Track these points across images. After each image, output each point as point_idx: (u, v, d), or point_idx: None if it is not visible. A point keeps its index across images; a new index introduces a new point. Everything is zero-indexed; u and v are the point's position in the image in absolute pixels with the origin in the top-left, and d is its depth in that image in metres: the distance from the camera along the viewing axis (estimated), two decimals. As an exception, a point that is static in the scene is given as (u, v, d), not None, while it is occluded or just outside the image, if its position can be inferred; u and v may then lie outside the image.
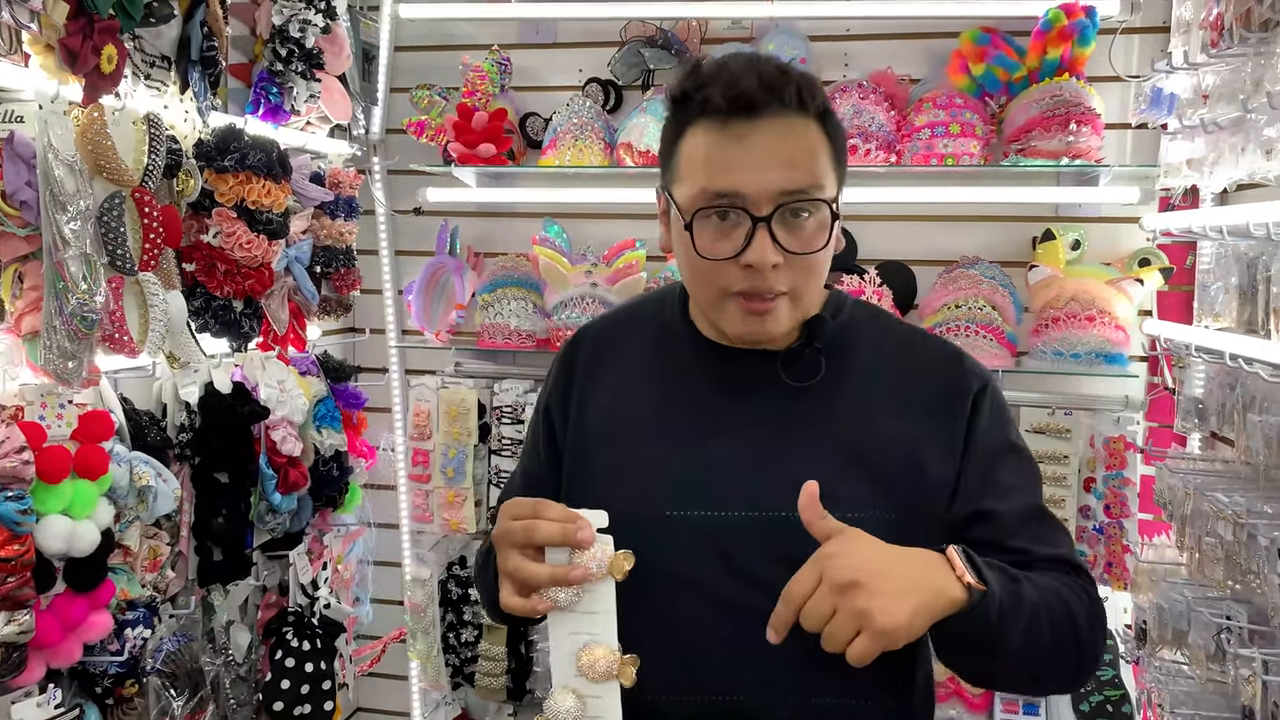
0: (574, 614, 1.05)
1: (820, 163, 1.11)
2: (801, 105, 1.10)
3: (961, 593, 0.99)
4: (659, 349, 1.26)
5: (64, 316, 1.57)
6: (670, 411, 1.21)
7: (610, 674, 1.04)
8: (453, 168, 2.59)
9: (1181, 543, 1.93)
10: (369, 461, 2.73)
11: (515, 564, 1.03)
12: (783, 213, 1.08)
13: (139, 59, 1.80)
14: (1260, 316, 1.73)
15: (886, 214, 2.55)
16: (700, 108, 1.11)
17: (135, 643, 1.78)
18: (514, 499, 1.09)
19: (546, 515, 1.03)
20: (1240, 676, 1.60)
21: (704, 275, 1.14)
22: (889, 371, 1.20)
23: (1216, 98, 1.88)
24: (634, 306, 1.37)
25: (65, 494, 1.58)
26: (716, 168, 1.09)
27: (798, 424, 1.17)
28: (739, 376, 1.20)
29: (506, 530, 1.05)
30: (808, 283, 1.13)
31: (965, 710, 2.41)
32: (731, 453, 1.16)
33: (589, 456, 1.23)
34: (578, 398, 1.27)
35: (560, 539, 1.02)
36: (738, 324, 1.15)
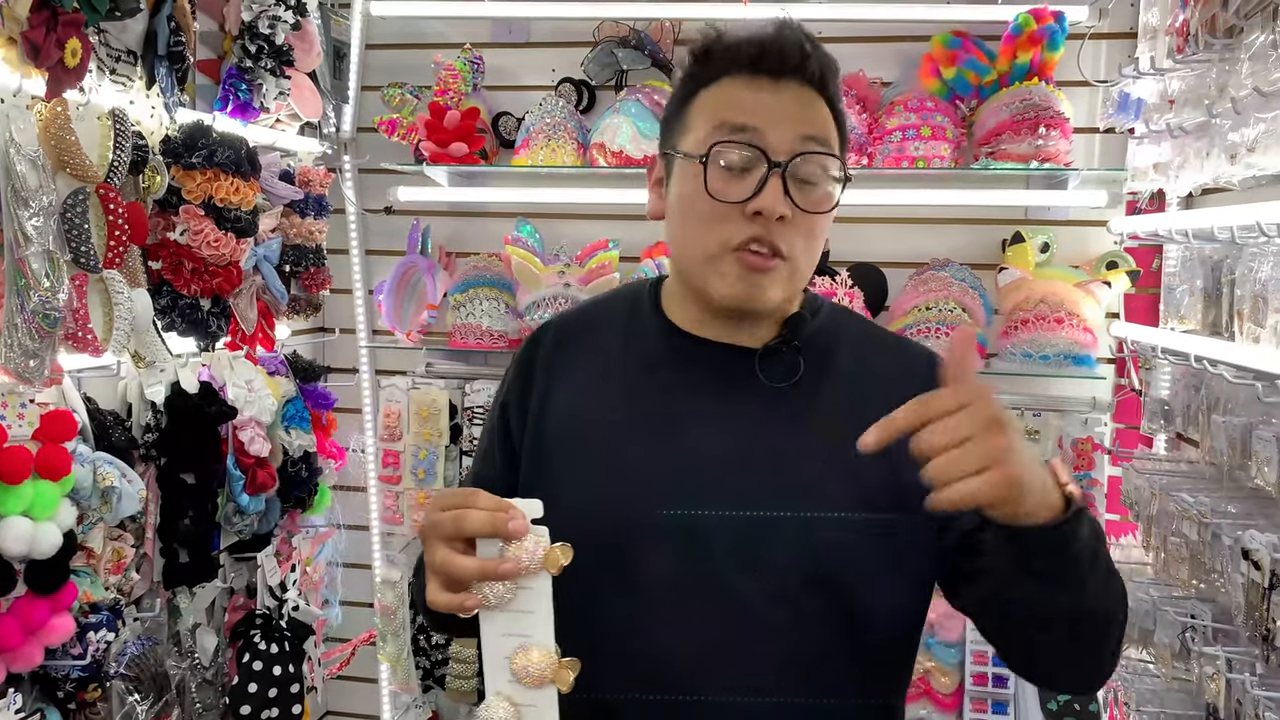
0: (507, 613, 0.97)
1: (834, 136, 1.12)
2: (821, 84, 1.11)
3: (1059, 501, 0.92)
4: (627, 344, 1.21)
5: (26, 314, 1.55)
6: (640, 409, 1.16)
7: (546, 679, 0.97)
8: (424, 167, 2.57)
9: (1148, 543, 1.95)
10: (338, 463, 2.70)
11: (443, 557, 0.96)
12: (797, 166, 1.07)
13: (104, 53, 1.78)
14: (1224, 319, 1.75)
15: (858, 216, 2.56)
16: (722, 65, 1.11)
17: (98, 646, 1.76)
18: (442, 492, 1.03)
19: (476, 505, 0.96)
20: (1204, 675, 1.62)
21: (704, 223, 1.10)
22: (870, 375, 1.17)
23: (1182, 103, 1.91)
24: (599, 301, 1.32)
25: (26, 495, 1.55)
26: (739, 108, 1.09)
27: (775, 426, 1.13)
28: (715, 373, 1.16)
29: (435, 522, 0.98)
30: (807, 250, 1.11)
31: (935, 710, 2.43)
32: (707, 453, 1.12)
33: (551, 457, 1.18)
34: (539, 397, 1.21)
35: (489, 529, 0.95)
36: (732, 284, 1.09)
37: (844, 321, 1.25)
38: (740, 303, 1.11)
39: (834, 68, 1.12)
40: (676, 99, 1.17)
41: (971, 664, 2.41)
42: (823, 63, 1.11)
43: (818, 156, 1.08)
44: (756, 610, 1.06)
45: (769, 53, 1.09)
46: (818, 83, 1.10)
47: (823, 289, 2.41)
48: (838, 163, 1.11)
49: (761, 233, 1.07)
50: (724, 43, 1.12)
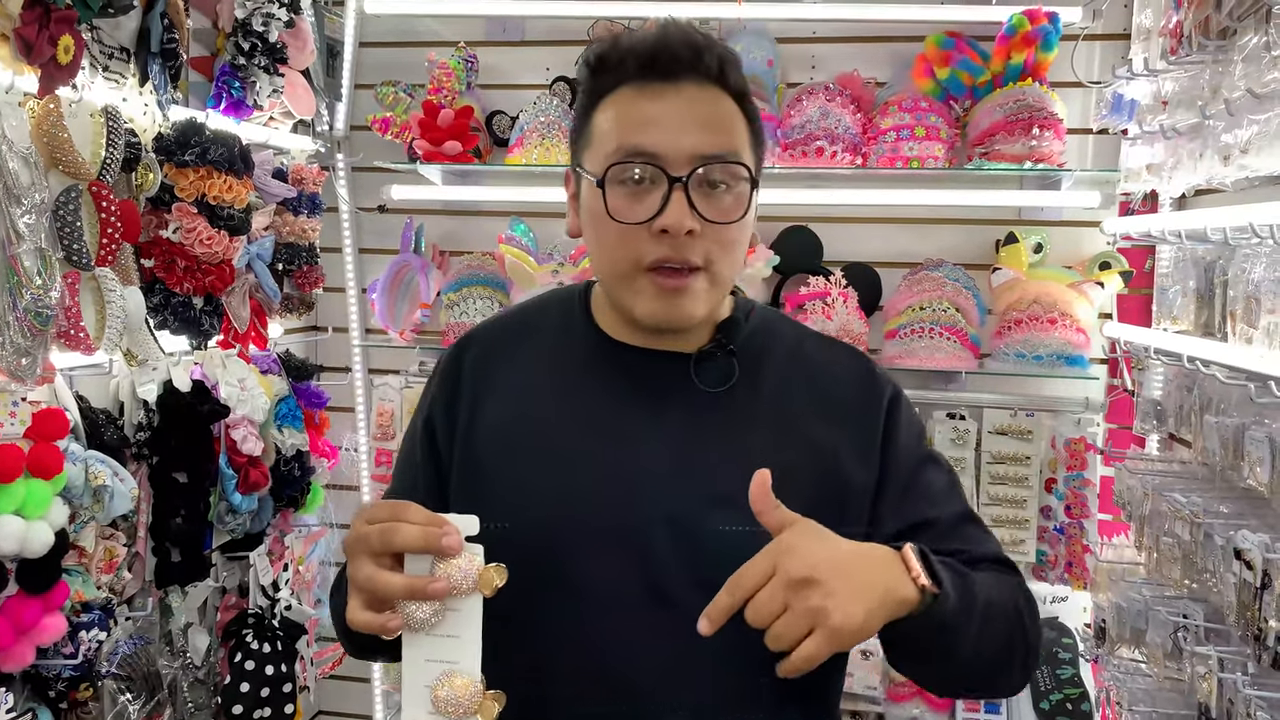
0: (433, 637, 0.91)
1: (737, 134, 1.07)
2: (722, 78, 1.07)
3: (914, 593, 0.95)
4: (558, 351, 1.18)
5: (18, 312, 1.54)
6: (572, 419, 1.12)
7: (470, 710, 0.91)
8: (418, 165, 2.57)
9: (1140, 542, 1.96)
10: (331, 462, 2.70)
11: (368, 573, 0.90)
12: (700, 178, 1.04)
13: (97, 50, 1.77)
14: (1217, 320, 1.76)
15: (852, 216, 2.57)
16: (617, 74, 1.07)
17: (90, 645, 1.75)
18: (372, 504, 0.99)
19: (408, 518, 0.91)
20: (1196, 674, 1.63)
21: (615, 246, 1.07)
22: (804, 378, 1.15)
23: (1175, 104, 1.91)
24: (528, 307, 1.27)
25: (18, 493, 1.54)
26: (633, 125, 1.05)
27: (714, 432, 1.10)
28: (648, 380, 1.13)
29: (361, 535, 0.92)
30: (724, 258, 1.07)
31: (928, 709, 2.43)
32: (645, 460, 1.09)
33: (482, 470, 1.13)
34: (467, 408, 1.16)
35: (420, 544, 0.89)
36: (651, 303, 1.07)
37: (776, 324, 1.23)
38: (660, 322, 1.09)
39: (732, 60, 1.08)
40: (578, 113, 1.13)
41: (964, 663, 2.42)
42: (720, 56, 1.07)
43: (722, 164, 1.05)
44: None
45: (659, 56, 1.05)
46: (716, 78, 1.07)
47: (816, 289, 2.41)
48: (745, 168, 1.06)
49: (670, 251, 1.04)
50: (616, 51, 1.08)
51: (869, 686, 2.45)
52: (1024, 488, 2.42)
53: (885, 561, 0.96)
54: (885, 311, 2.51)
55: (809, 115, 2.38)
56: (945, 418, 2.45)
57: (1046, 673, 2.36)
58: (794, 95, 2.46)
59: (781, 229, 2.57)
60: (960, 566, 1.04)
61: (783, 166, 2.41)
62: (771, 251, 2.50)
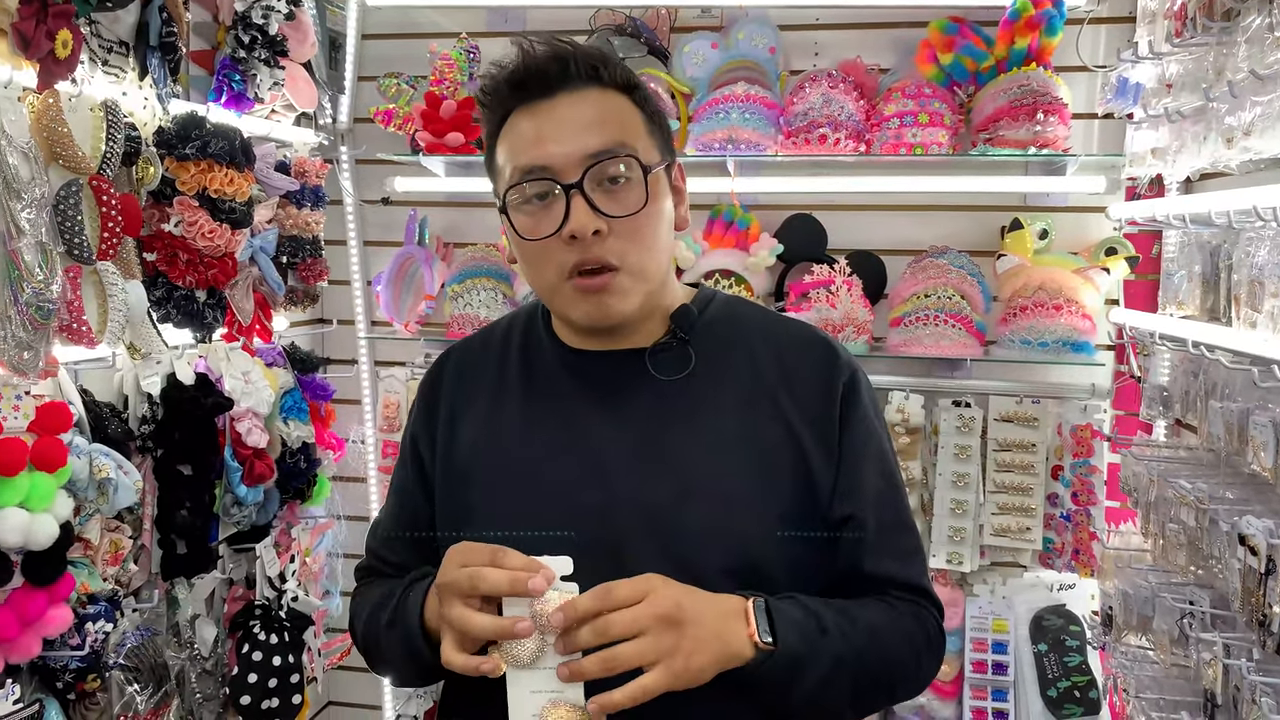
0: (536, 670, 0.95)
1: (626, 125, 1.10)
2: (595, 77, 1.10)
3: (749, 650, 0.99)
4: (523, 365, 1.22)
5: (19, 306, 1.55)
6: (542, 428, 1.16)
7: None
8: (421, 157, 2.57)
9: (1146, 529, 1.95)
10: (337, 454, 2.70)
11: (459, 615, 0.95)
12: (595, 177, 1.06)
13: (96, 44, 1.77)
14: (1222, 304, 1.74)
15: (855, 203, 2.56)
16: (501, 104, 1.11)
17: (97, 637, 1.76)
18: (462, 545, 1.02)
19: (504, 563, 0.96)
20: (1202, 660, 1.62)
21: (536, 262, 1.11)
22: (766, 366, 1.17)
23: (1180, 87, 1.89)
24: (497, 326, 1.31)
25: (22, 486, 1.55)
26: (521, 146, 1.09)
27: (676, 422, 1.12)
28: (608, 380, 1.16)
29: (451, 581, 0.97)
30: (640, 251, 1.09)
31: (935, 697, 2.43)
32: (609, 461, 1.11)
33: (463, 487, 1.17)
34: (445, 429, 1.21)
35: (508, 588, 0.94)
36: (580, 307, 1.10)
37: (740, 311, 1.24)
38: (594, 321, 1.12)
39: (604, 58, 1.11)
40: (488, 146, 1.16)
41: (971, 651, 2.41)
42: (590, 58, 1.10)
43: (612, 160, 1.07)
44: None
45: (528, 77, 1.09)
46: (592, 79, 1.09)
47: (820, 277, 2.40)
48: (634, 159, 1.08)
49: (583, 255, 1.07)
50: (494, 83, 1.12)
51: (875, 675, 2.45)
52: (1030, 475, 2.41)
53: (731, 615, 1.00)
54: (890, 299, 2.49)
55: (812, 102, 2.36)
56: (951, 405, 2.44)
57: (1054, 660, 2.36)
58: (797, 82, 2.45)
59: (785, 217, 2.56)
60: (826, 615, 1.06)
61: (785, 154, 2.40)
62: (775, 240, 2.49)
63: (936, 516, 2.42)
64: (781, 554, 1.10)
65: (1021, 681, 2.39)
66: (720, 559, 1.07)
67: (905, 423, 2.42)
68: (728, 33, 2.54)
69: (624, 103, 1.11)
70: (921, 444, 2.45)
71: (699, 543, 1.05)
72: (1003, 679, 2.39)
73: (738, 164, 2.45)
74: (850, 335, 2.36)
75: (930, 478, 2.46)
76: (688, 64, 2.55)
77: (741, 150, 2.39)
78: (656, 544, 1.07)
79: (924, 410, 2.44)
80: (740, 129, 2.38)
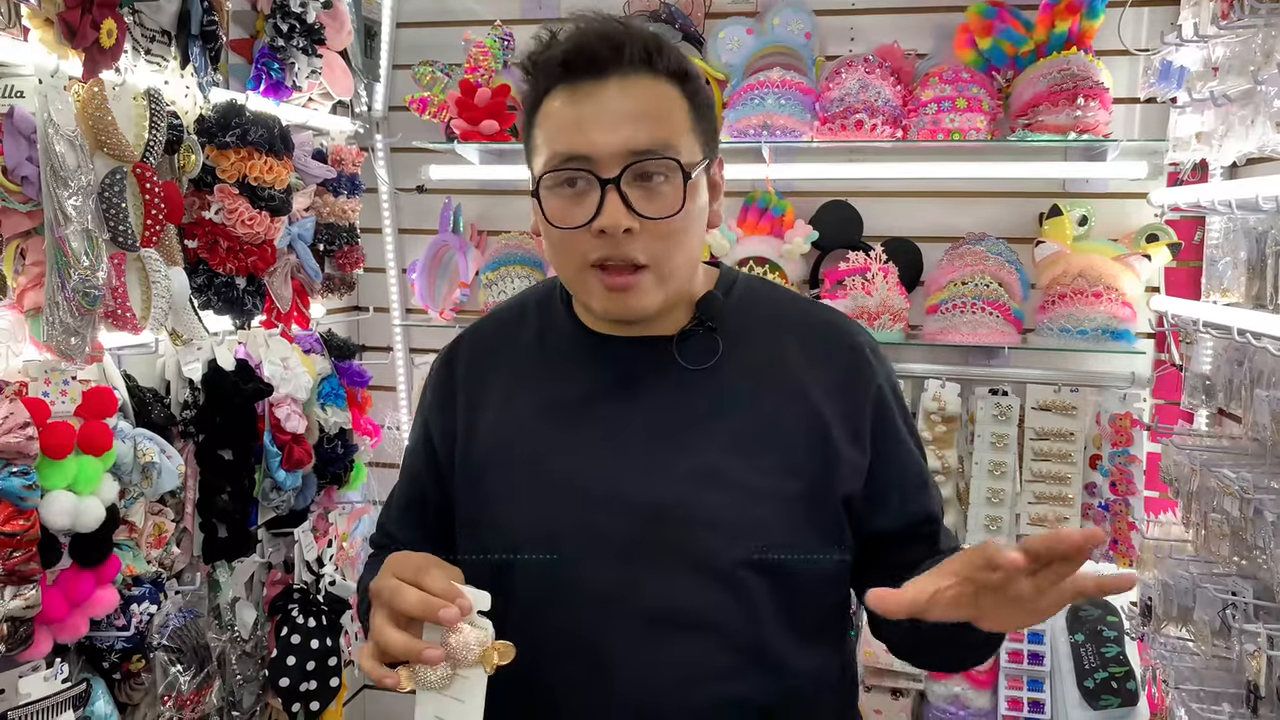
0: (441, 696, 0.94)
1: (673, 121, 1.05)
2: (648, 63, 1.05)
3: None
4: (542, 349, 1.18)
5: (66, 293, 1.57)
6: (561, 415, 1.13)
7: None
8: (455, 145, 2.58)
9: (1188, 519, 1.92)
10: (374, 440, 2.73)
11: (377, 625, 0.94)
12: (633, 174, 1.02)
13: (139, 33, 1.79)
14: (1269, 291, 1.71)
15: (892, 190, 2.54)
16: (547, 78, 1.06)
17: (141, 618, 1.79)
18: (402, 555, 1.00)
19: (424, 584, 0.93)
20: (1245, 652, 1.60)
21: (561, 248, 1.07)
22: (790, 351, 1.14)
23: (1226, 70, 1.86)
24: (510, 308, 1.27)
25: (69, 470, 1.58)
26: (562, 130, 1.04)
27: (700, 411, 1.10)
28: (631, 368, 1.13)
29: (379, 588, 0.95)
30: (670, 253, 1.05)
31: (970, 687, 2.42)
32: (631, 449, 1.09)
33: (481, 476, 1.15)
34: (463, 416, 1.18)
35: (418, 612, 0.91)
36: (601, 299, 1.07)
37: (763, 294, 1.22)
38: (615, 315, 1.09)
39: (659, 44, 1.06)
40: (524, 120, 1.12)
41: (1007, 641, 2.40)
42: (645, 43, 1.05)
43: (653, 160, 1.03)
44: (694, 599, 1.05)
45: (578, 56, 1.04)
46: (644, 64, 1.04)
47: (856, 265, 2.39)
48: (675, 163, 1.03)
49: (611, 250, 1.03)
50: (542, 58, 1.07)
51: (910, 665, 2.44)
52: (1068, 464, 2.38)
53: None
54: (926, 287, 2.48)
55: (848, 88, 2.34)
56: (988, 393, 2.42)
57: (1091, 651, 2.34)
58: (833, 68, 2.43)
59: (820, 204, 2.55)
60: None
61: (821, 140, 2.38)
62: (810, 227, 2.48)
63: (973, 505, 2.40)
64: (801, 541, 1.08)
65: (1058, 672, 2.37)
66: (740, 552, 1.05)
67: (942, 411, 2.40)
68: (763, 18, 2.53)
69: (674, 94, 1.06)
70: (958, 433, 2.43)
71: (718, 535, 1.03)
72: (1039, 669, 2.38)
73: (773, 150, 2.44)
74: (886, 323, 2.35)
75: (967, 466, 2.44)
76: (723, 50, 2.54)
77: (777, 136, 2.38)
78: (676, 535, 1.05)
79: (960, 399, 2.42)
80: (775, 115, 2.36)
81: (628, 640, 1.05)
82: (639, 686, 1.05)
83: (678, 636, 1.05)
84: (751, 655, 1.06)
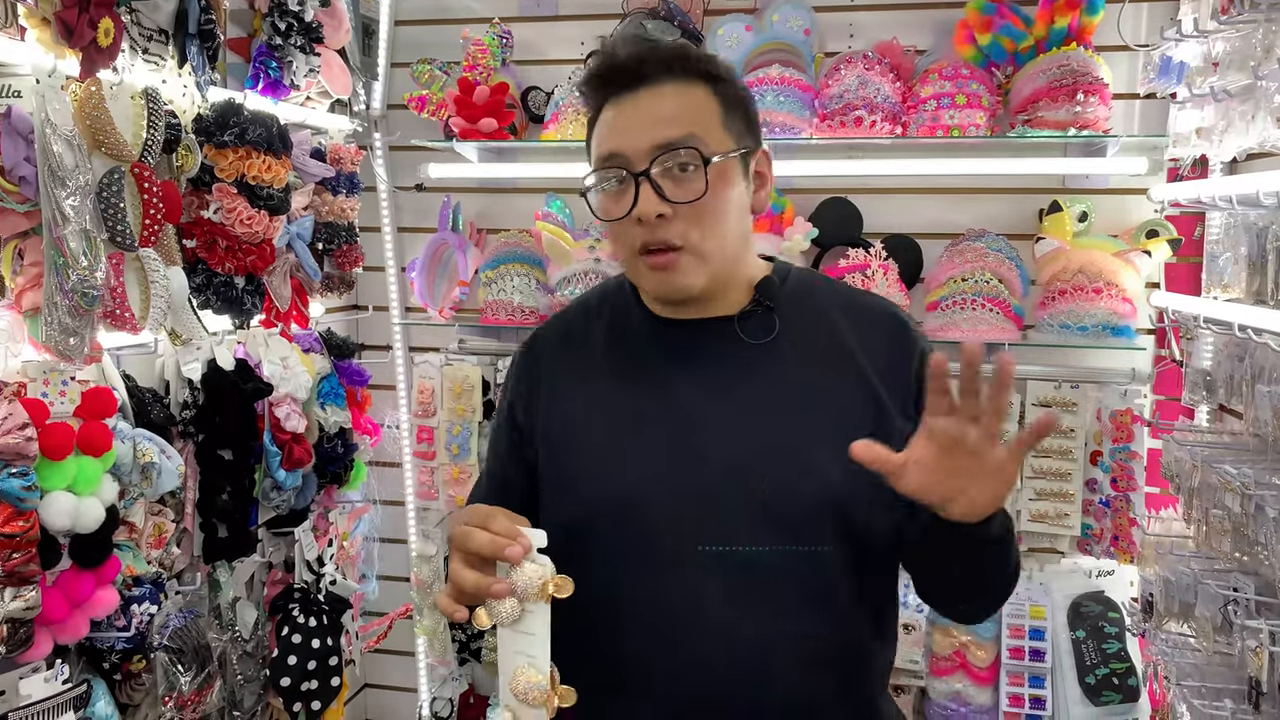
0: (516, 632, 1.05)
1: (698, 117, 1.18)
2: (672, 70, 1.19)
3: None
4: (614, 336, 1.30)
5: (65, 293, 1.57)
6: (636, 391, 1.25)
7: (539, 701, 1.05)
8: (454, 143, 2.57)
9: (1189, 515, 1.92)
10: (373, 439, 2.73)
11: (452, 567, 1.06)
12: (662, 165, 1.16)
13: (136, 32, 1.79)
14: (1270, 287, 1.71)
15: (892, 187, 2.53)
16: (595, 96, 1.23)
17: (142, 619, 1.79)
18: (473, 505, 1.11)
19: (489, 526, 1.05)
20: (1247, 648, 1.60)
21: (616, 239, 1.23)
22: (845, 331, 1.25)
23: (1226, 65, 1.86)
24: (585, 301, 1.39)
25: (69, 470, 1.58)
26: (602, 136, 1.21)
27: (762, 384, 1.21)
28: (695, 346, 1.25)
29: (451, 536, 1.09)
30: (703, 234, 1.18)
31: (971, 683, 2.41)
32: (701, 421, 1.20)
33: (566, 449, 1.26)
34: (545, 403, 1.29)
35: (489, 551, 1.03)
36: (650, 280, 1.21)
37: (815, 282, 1.35)
38: (664, 294, 1.23)
39: (681, 52, 1.21)
40: (587, 135, 1.27)
41: (1008, 638, 2.40)
42: (669, 54, 1.20)
43: (678, 151, 1.16)
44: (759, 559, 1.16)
45: (611, 75, 1.21)
46: (668, 72, 1.19)
47: (856, 261, 2.38)
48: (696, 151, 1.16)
49: (649, 235, 1.17)
50: (589, 77, 1.24)
51: (911, 661, 2.44)
52: (1069, 460, 2.38)
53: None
54: (926, 283, 2.47)
55: (847, 84, 2.34)
56: (988, 390, 2.41)
57: (1092, 647, 2.34)
58: (832, 64, 2.42)
59: (820, 200, 2.54)
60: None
61: (820, 137, 2.37)
62: (810, 224, 2.47)
63: (973, 502, 2.40)
64: (863, 498, 1.17)
65: (1059, 668, 2.37)
66: (810, 508, 1.16)
67: (941, 408, 2.40)
68: (761, 15, 2.52)
69: (701, 94, 1.20)
70: (958, 429, 2.43)
71: (789, 495, 1.15)
72: (1040, 665, 2.38)
73: (772, 147, 2.41)
74: (886, 320, 2.34)
75: (967, 463, 2.43)
76: (721, 47, 2.53)
77: (776, 133, 2.37)
78: (750, 497, 1.16)
79: (960, 395, 2.41)
80: (775, 112, 2.36)
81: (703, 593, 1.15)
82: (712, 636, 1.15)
83: (750, 585, 1.15)
84: (815, 598, 1.17)
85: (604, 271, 2.48)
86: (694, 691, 1.16)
